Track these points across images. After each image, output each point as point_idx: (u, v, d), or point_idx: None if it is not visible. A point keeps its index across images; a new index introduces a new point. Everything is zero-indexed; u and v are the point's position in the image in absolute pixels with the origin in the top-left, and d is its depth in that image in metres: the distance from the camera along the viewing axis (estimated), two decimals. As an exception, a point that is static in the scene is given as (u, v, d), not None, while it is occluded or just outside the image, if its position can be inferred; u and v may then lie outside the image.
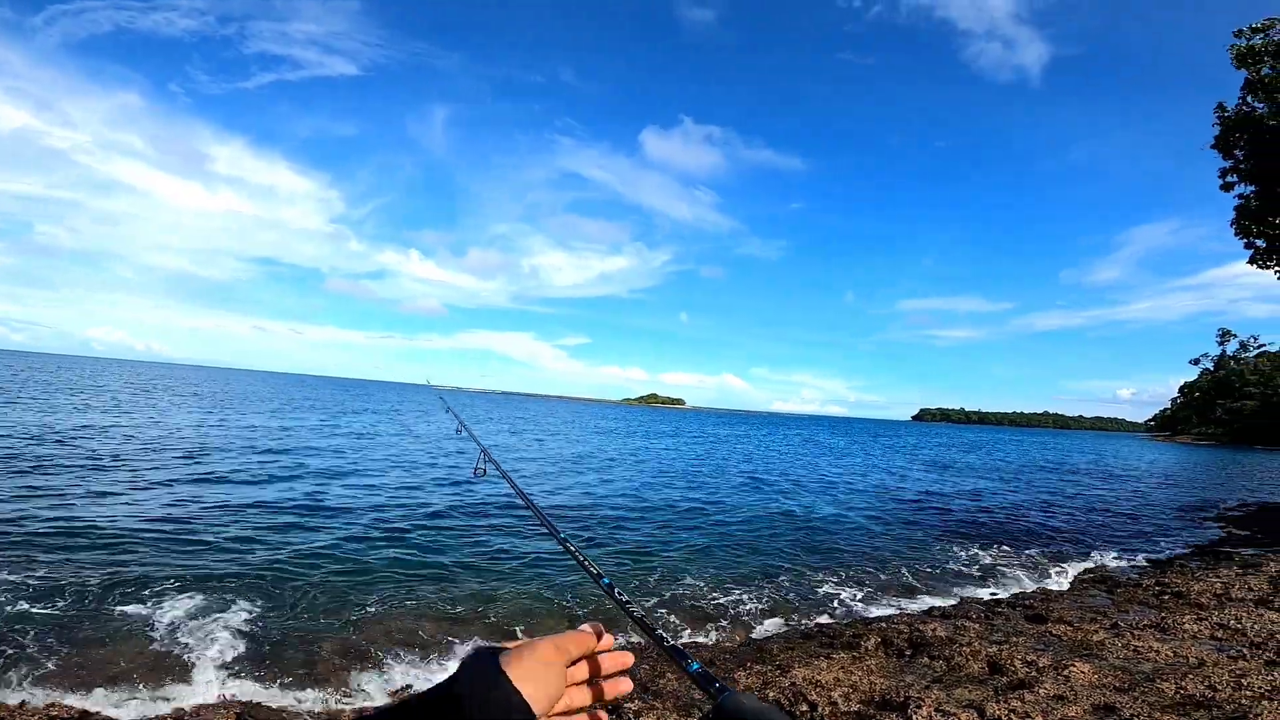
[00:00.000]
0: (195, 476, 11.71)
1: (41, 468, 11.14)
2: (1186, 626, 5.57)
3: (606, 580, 0.89)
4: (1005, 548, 10.47)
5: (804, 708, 3.85)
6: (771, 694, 4.09)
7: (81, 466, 11.63)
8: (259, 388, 73.91)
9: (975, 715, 3.56)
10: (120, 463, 12.49)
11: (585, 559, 1.00)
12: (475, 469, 1.87)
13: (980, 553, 9.97)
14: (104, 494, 9.60)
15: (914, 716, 3.56)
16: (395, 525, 9.30)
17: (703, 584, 7.47)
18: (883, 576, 8.28)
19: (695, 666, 0.62)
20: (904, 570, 8.60)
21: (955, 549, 10.16)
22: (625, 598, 0.81)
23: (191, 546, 7.37)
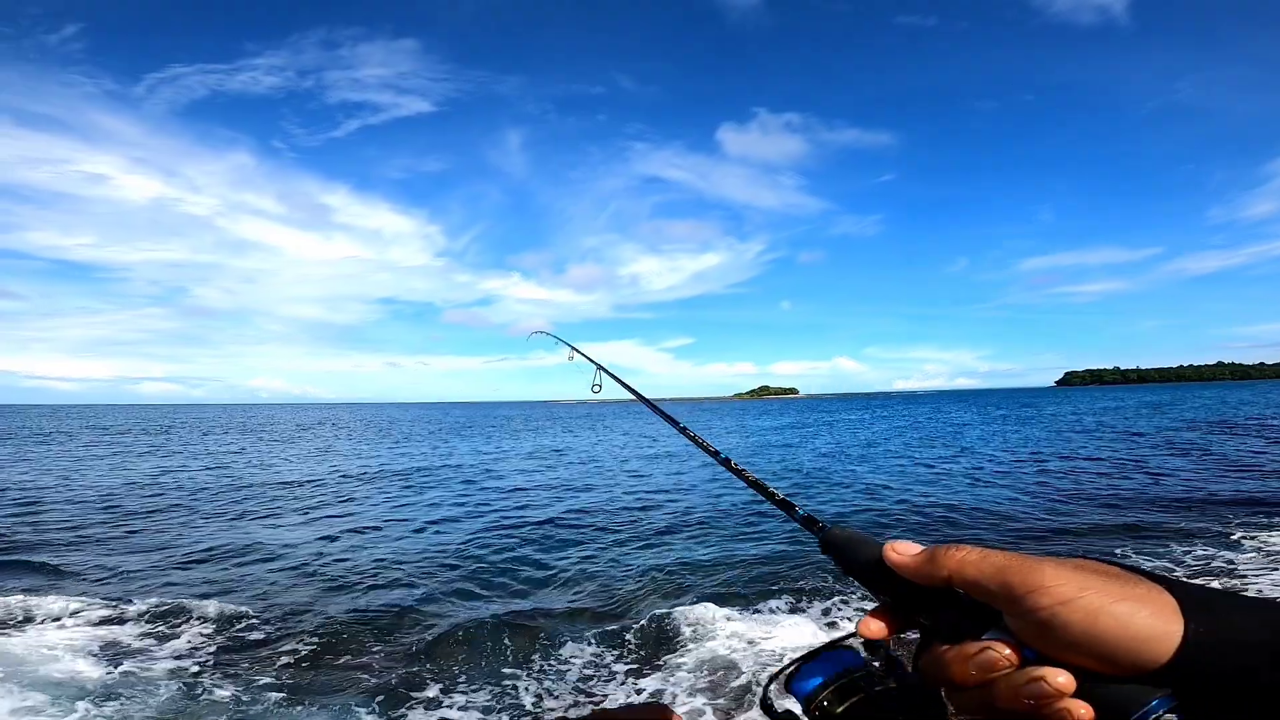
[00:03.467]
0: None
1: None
2: None
3: (724, 454, 0.93)
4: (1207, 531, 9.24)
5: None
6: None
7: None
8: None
9: None
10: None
11: (702, 440, 1.01)
12: (593, 386, 1.83)
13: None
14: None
15: None
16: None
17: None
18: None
19: (802, 513, 0.68)
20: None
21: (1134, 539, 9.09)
22: (742, 466, 0.87)
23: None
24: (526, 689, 4.81)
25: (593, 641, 5.62)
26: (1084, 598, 0.43)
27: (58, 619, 6.07)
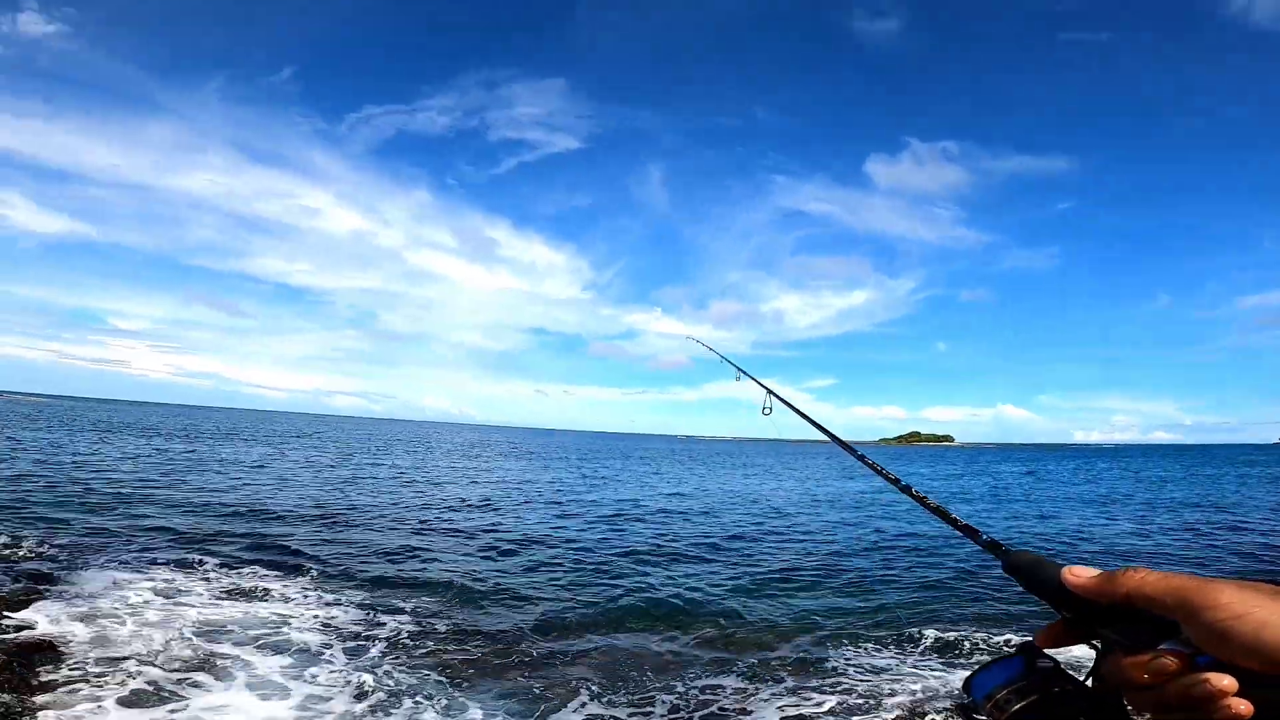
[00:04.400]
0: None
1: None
2: None
3: (904, 482, 0.98)
4: None
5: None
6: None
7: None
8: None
9: None
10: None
11: (878, 465, 1.05)
12: (763, 409, 1.90)
13: None
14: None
15: None
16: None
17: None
18: None
19: (985, 537, 0.75)
20: None
21: None
22: (923, 493, 0.91)
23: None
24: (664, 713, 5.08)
25: (744, 671, 5.86)
26: (1254, 613, 0.50)
27: (290, 598, 7.37)
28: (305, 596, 7.47)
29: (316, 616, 6.75)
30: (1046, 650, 0.64)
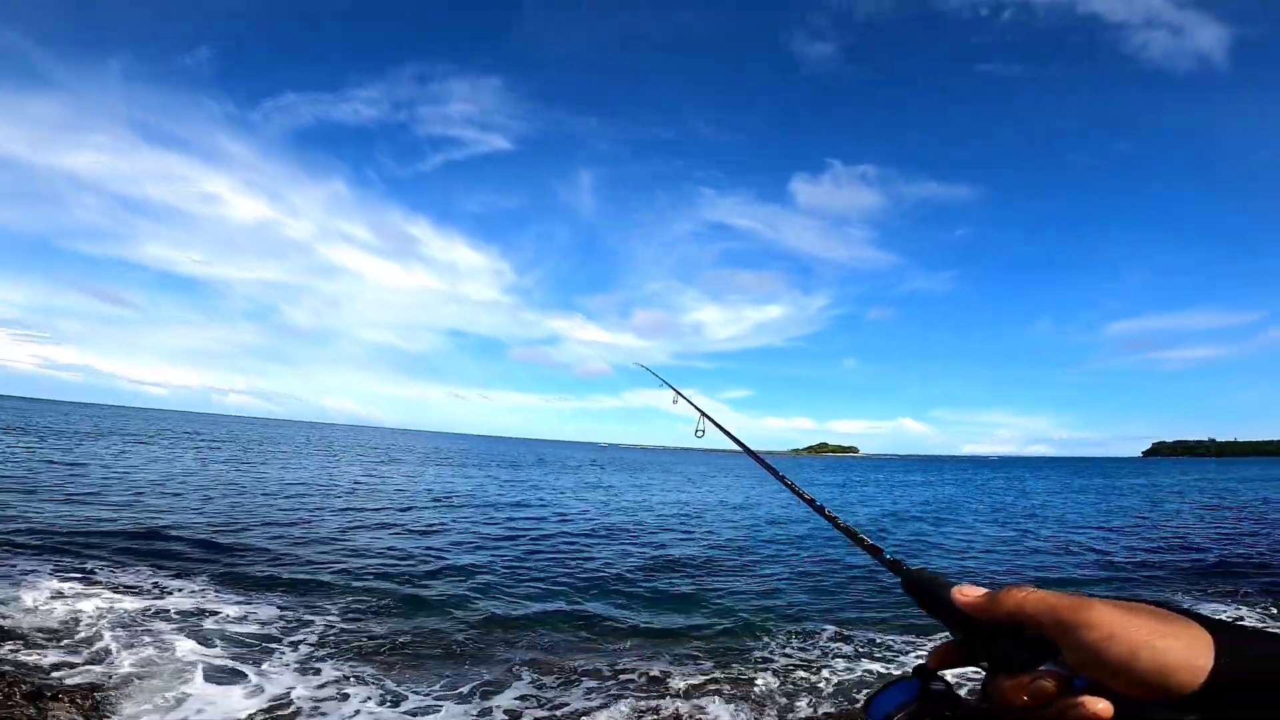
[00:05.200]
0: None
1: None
2: None
3: (819, 502, 0.96)
4: None
5: None
6: None
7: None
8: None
9: None
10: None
11: (793, 483, 1.04)
12: (696, 431, 1.90)
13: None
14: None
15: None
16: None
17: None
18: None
19: (888, 555, 0.76)
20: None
21: None
22: (834, 514, 0.91)
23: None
24: (581, 696, 5.04)
25: (663, 661, 5.84)
26: (1126, 633, 0.49)
27: (201, 599, 6.72)
28: (218, 598, 6.80)
29: (230, 618, 6.15)
30: (941, 671, 0.62)
